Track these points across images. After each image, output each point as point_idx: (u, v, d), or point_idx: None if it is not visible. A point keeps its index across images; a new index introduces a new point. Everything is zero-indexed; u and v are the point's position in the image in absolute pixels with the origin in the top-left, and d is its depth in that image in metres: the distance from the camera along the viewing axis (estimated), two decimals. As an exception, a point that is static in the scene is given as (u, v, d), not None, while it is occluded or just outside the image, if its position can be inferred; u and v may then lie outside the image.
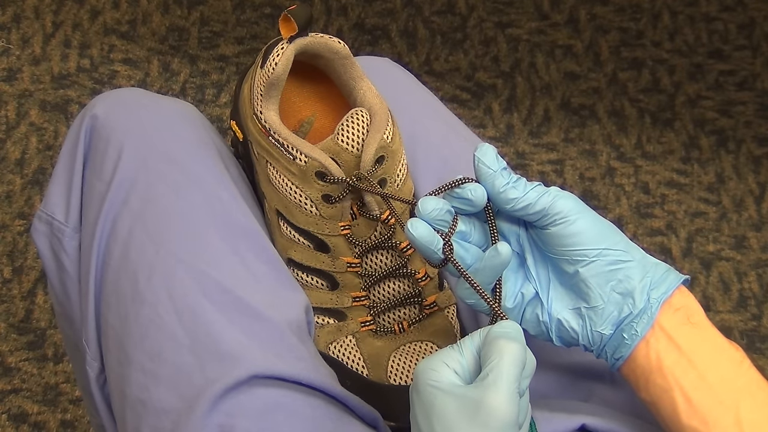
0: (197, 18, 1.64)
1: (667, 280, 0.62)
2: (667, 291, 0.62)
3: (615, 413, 0.69)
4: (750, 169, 1.55)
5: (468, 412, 0.53)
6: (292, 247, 0.75)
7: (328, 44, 0.75)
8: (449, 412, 0.53)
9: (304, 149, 0.71)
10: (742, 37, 1.69)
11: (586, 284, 0.63)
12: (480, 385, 0.53)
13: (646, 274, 0.62)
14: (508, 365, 0.54)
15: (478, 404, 0.53)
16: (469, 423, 0.53)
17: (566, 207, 0.63)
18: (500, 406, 0.52)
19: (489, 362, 0.54)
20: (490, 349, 0.55)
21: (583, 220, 0.63)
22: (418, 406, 0.55)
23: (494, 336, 0.56)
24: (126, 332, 0.71)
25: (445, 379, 0.55)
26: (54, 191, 0.80)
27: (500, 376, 0.53)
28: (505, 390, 0.53)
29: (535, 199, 0.63)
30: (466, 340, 0.57)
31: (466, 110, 1.58)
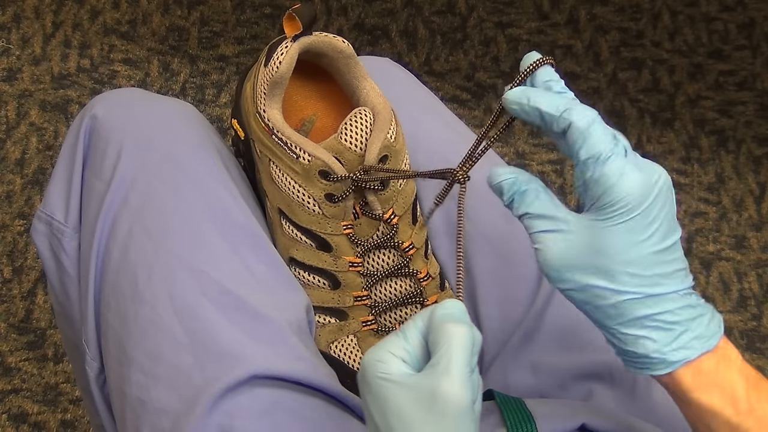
0: (197, 18, 1.64)
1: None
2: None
3: (615, 413, 0.69)
4: (750, 169, 1.55)
5: (423, 402, 0.52)
6: (294, 246, 0.75)
7: (333, 43, 0.75)
8: (404, 404, 0.52)
9: (308, 148, 0.71)
10: (742, 37, 1.69)
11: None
12: (432, 373, 0.52)
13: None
14: (459, 350, 0.52)
15: (433, 393, 0.51)
16: (425, 414, 0.51)
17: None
18: (455, 392, 0.51)
19: (439, 348, 0.52)
20: (438, 335, 0.53)
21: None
22: (371, 401, 0.53)
23: (440, 320, 0.53)
24: (125, 332, 0.71)
25: (394, 369, 0.53)
26: (53, 191, 0.80)
27: (452, 362, 0.52)
28: (458, 376, 0.51)
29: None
30: (409, 325, 0.55)
31: (466, 110, 1.58)
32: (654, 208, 0.56)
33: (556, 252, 0.58)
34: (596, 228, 0.57)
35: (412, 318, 0.55)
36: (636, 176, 0.56)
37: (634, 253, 0.56)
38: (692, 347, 0.57)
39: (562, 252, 0.58)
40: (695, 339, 0.57)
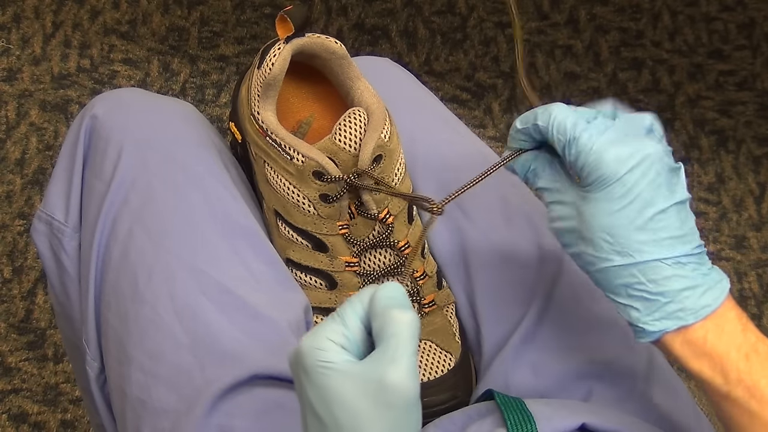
0: (197, 18, 1.64)
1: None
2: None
3: (615, 413, 0.69)
4: (750, 169, 1.55)
5: (370, 392, 0.50)
6: (291, 247, 0.75)
7: (325, 44, 0.75)
8: (350, 394, 0.50)
9: (302, 149, 0.71)
10: (742, 37, 1.69)
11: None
12: (379, 362, 0.51)
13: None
14: (407, 339, 0.51)
15: (381, 383, 0.50)
16: (373, 404, 0.50)
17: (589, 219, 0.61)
18: (404, 382, 0.50)
19: (385, 336, 0.51)
20: (384, 321, 0.52)
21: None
22: (311, 391, 0.51)
23: (384, 305, 0.52)
24: (126, 332, 0.71)
25: (336, 358, 0.51)
26: (54, 191, 0.80)
27: (400, 351, 0.50)
28: (406, 366, 0.50)
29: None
30: (346, 309, 0.53)
31: (466, 110, 1.58)
32: (630, 179, 0.59)
33: (558, 220, 0.63)
34: (582, 198, 0.61)
35: (348, 302, 0.54)
36: (609, 150, 0.59)
37: (611, 220, 0.59)
38: (676, 318, 0.59)
39: (562, 220, 0.62)
40: (681, 311, 0.59)
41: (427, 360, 0.75)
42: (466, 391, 0.76)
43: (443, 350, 0.76)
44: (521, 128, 0.64)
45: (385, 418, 0.50)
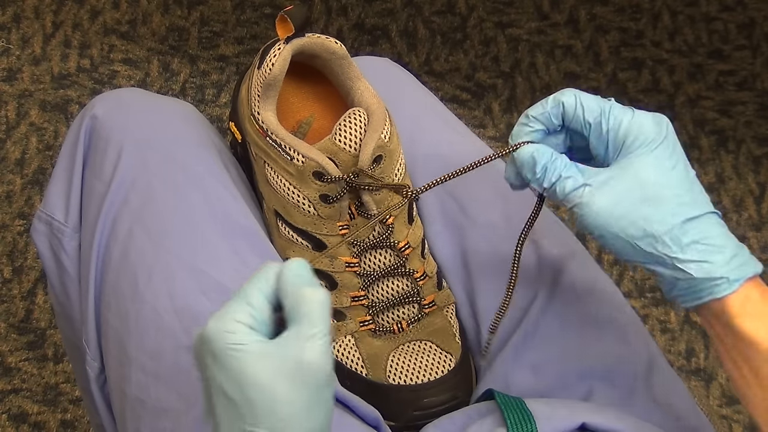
0: (197, 18, 1.64)
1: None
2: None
3: (615, 413, 0.69)
4: (750, 169, 1.55)
5: (286, 372, 0.50)
6: (291, 247, 0.75)
7: (325, 44, 0.75)
8: (265, 375, 0.50)
9: (302, 149, 0.71)
10: (742, 37, 1.69)
11: None
12: (294, 341, 0.51)
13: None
14: (321, 317, 0.51)
15: (298, 362, 0.50)
16: (289, 383, 0.50)
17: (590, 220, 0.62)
18: (320, 361, 0.50)
19: (299, 315, 0.51)
20: (297, 300, 0.52)
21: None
22: (222, 375, 0.51)
23: (294, 283, 0.52)
24: (126, 332, 0.71)
25: (247, 339, 0.51)
26: (54, 191, 0.80)
27: (315, 329, 0.51)
28: (321, 344, 0.51)
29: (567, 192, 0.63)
30: (252, 290, 0.53)
31: (466, 110, 1.58)
32: (670, 139, 0.62)
33: (601, 199, 0.61)
34: (631, 167, 0.61)
35: (251, 280, 0.54)
36: (644, 114, 0.62)
37: (672, 177, 0.61)
38: (747, 266, 0.60)
39: (608, 197, 0.61)
40: (744, 264, 0.60)
41: (427, 360, 0.75)
42: (467, 391, 0.76)
43: (443, 351, 0.76)
44: (538, 114, 0.64)
45: (301, 397, 0.51)
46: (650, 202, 0.60)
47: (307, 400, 0.51)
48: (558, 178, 0.63)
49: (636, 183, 0.61)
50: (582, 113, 0.63)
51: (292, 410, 0.51)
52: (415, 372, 0.74)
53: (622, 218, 0.61)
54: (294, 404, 0.51)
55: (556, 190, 0.63)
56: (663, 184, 0.61)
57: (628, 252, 0.61)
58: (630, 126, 0.62)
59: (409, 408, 0.74)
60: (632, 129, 0.62)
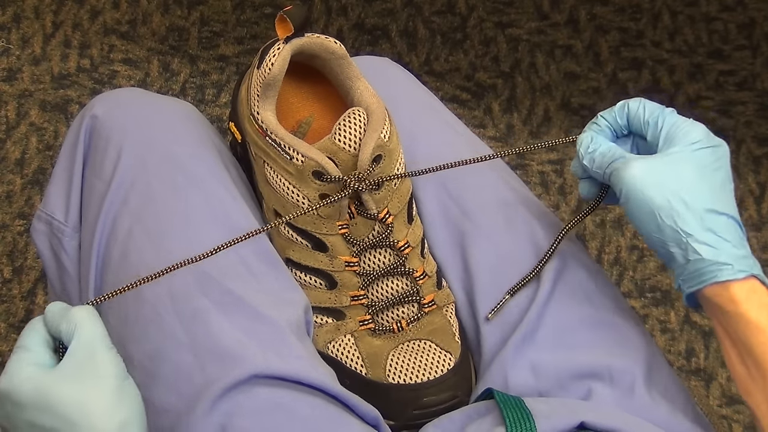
0: (197, 18, 1.64)
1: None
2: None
3: (614, 412, 0.69)
4: (750, 169, 1.55)
5: (81, 377, 0.57)
6: (290, 246, 0.75)
7: (325, 44, 0.75)
8: (63, 389, 0.57)
9: (301, 149, 0.71)
10: (742, 37, 1.69)
11: None
12: (78, 349, 0.58)
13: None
14: (95, 324, 0.60)
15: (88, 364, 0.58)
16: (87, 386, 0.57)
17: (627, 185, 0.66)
18: (108, 357, 0.59)
19: (76, 328, 0.59)
20: (69, 320, 0.59)
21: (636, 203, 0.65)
22: (23, 412, 0.57)
23: (61, 312, 0.60)
24: (126, 332, 0.71)
25: (37, 371, 0.58)
26: (54, 191, 0.80)
27: (94, 334, 0.59)
28: (104, 344, 0.59)
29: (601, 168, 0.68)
30: (25, 339, 0.60)
31: (466, 110, 1.58)
32: (719, 151, 0.66)
33: (637, 166, 0.65)
34: (674, 154, 0.66)
35: (23, 333, 0.60)
36: (701, 125, 0.67)
37: (709, 176, 0.65)
38: (754, 266, 0.64)
39: (644, 166, 0.65)
40: (752, 264, 0.64)
41: (426, 360, 0.75)
42: (466, 390, 0.76)
43: (443, 350, 0.76)
44: (607, 115, 0.70)
45: (104, 392, 0.57)
46: (682, 184, 0.64)
47: (110, 394, 0.57)
48: (606, 153, 0.68)
49: (673, 166, 0.65)
50: (643, 113, 0.68)
51: (102, 406, 0.57)
52: (415, 371, 0.74)
53: (653, 187, 0.64)
54: (100, 401, 0.57)
55: (603, 163, 0.68)
56: (699, 176, 0.65)
57: (650, 223, 0.65)
58: (684, 125, 0.66)
59: (409, 407, 0.74)
60: (685, 127, 0.66)
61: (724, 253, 0.63)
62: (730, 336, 0.64)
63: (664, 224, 0.64)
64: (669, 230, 0.64)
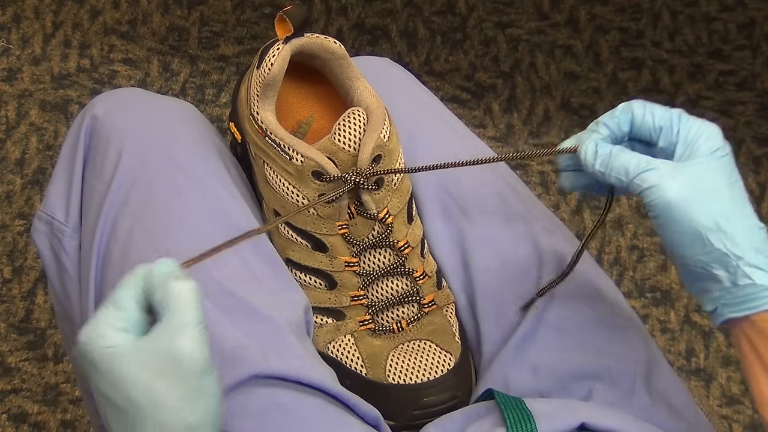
0: (197, 18, 1.64)
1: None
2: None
3: (615, 412, 0.69)
4: (750, 169, 1.55)
5: (160, 364, 0.51)
6: (290, 247, 0.75)
7: (324, 44, 0.75)
8: (139, 371, 0.51)
9: (301, 149, 0.71)
10: (742, 37, 1.69)
11: None
12: (164, 333, 0.51)
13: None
14: (189, 307, 0.52)
15: (171, 353, 0.51)
16: (164, 376, 0.51)
17: (662, 207, 0.60)
18: (193, 351, 0.51)
19: (168, 307, 0.52)
20: (165, 293, 0.52)
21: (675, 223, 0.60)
22: (103, 380, 0.51)
23: (162, 280, 0.53)
24: (126, 332, 0.71)
25: (118, 340, 0.51)
26: (54, 191, 0.80)
27: (185, 319, 0.51)
28: (194, 333, 0.51)
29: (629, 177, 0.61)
30: (121, 295, 0.53)
31: (466, 110, 1.58)
32: (732, 157, 0.62)
33: (676, 184, 0.59)
34: (702, 165, 0.60)
35: (120, 285, 0.54)
36: (712, 124, 0.62)
37: (737, 188, 0.61)
38: None
39: (683, 184, 0.59)
40: None
41: (426, 360, 0.75)
42: (466, 391, 0.76)
43: (443, 350, 0.76)
44: (607, 120, 0.64)
45: (178, 388, 0.51)
46: (723, 201, 0.59)
47: (185, 389, 0.51)
48: (627, 162, 0.61)
49: (708, 180, 0.60)
50: (652, 119, 0.62)
51: (173, 403, 0.51)
52: (415, 371, 0.74)
53: (697, 207, 0.59)
54: (172, 395, 0.51)
55: (628, 171, 0.61)
56: (731, 189, 0.60)
57: (695, 245, 0.59)
58: (701, 129, 0.61)
59: (409, 407, 0.74)
60: (704, 132, 0.61)
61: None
62: (765, 359, 0.60)
63: (712, 246, 0.59)
64: (718, 253, 0.59)
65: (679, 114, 0.63)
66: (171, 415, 0.51)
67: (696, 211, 0.59)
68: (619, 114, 0.64)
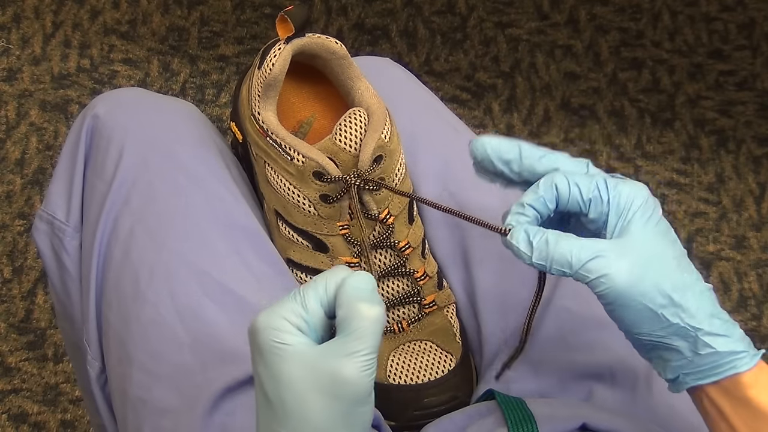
0: (197, 18, 1.64)
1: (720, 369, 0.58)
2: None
3: (615, 413, 0.69)
4: (750, 169, 1.55)
5: (321, 381, 0.50)
6: (291, 247, 0.75)
7: (326, 44, 0.75)
8: (300, 380, 0.50)
9: (302, 149, 0.71)
10: (742, 37, 1.69)
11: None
12: (335, 352, 0.50)
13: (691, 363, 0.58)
14: (369, 335, 0.50)
15: (334, 375, 0.49)
16: (322, 394, 0.50)
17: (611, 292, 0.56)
18: (357, 379, 0.50)
19: (349, 328, 0.50)
20: (350, 313, 0.51)
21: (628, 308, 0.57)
22: (263, 370, 0.51)
23: (352, 296, 0.51)
24: (127, 332, 0.71)
25: (291, 340, 0.50)
26: (55, 191, 0.80)
27: (359, 346, 0.50)
28: (362, 362, 0.50)
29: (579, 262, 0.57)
30: (309, 293, 0.52)
31: (466, 110, 1.58)
32: (664, 218, 0.59)
33: (625, 268, 0.56)
34: (641, 237, 0.57)
35: (311, 283, 0.53)
36: (634, 182, 0.59)
37: (677, 249, 0.59)
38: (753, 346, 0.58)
39: (631, 266, 0.57)
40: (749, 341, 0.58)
41: (427, 360, 0.75)
42: (467, 391, 0.76)
43: (444, 351, 0.76)
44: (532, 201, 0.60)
45: (332, 410, 0.50)
46: (669, 271, 0.57)
47: (339, 412, 0.50)
48: (568, 252, 0.57)
49: (653, 253, 0.57)
50: (579, 191, 0.58)
51: (322, 422, 0.50)
52: (416, 372, 0.74)
53: (649, 287, 0.56)
54: (323, 414, 0.50)
55: (571, 263, 0.57)
56: (673, 253, 0.58)
57: (651, 323, 0.57)
58: (631, 193, 0.58)
59: (410, 408, 0.74)
60: (634, 196, 0.58)
61: (735, 339, 0.57)
62: (733, 423, 0.58)
63: (668, 323, 0.57)
64: (675, 327, 0.57)
65: (605, 180, 0.59)
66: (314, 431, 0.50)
67: (649, 292, 0.56)
68: (543, 192, 0.59)
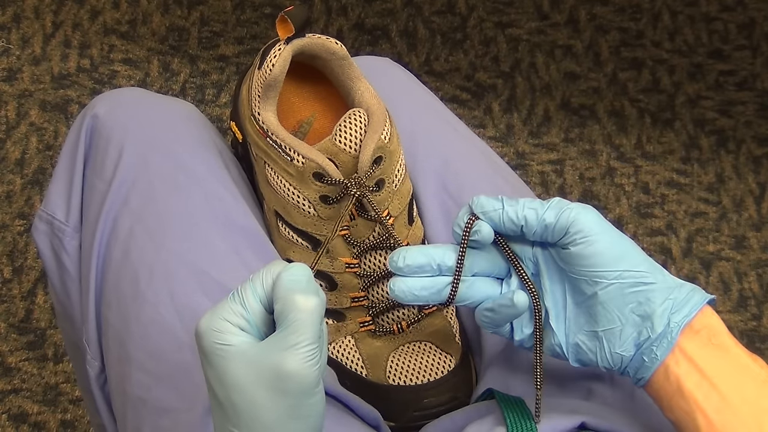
0: (197, 18, 1.64)
1: (690, 302, 0.60)
2: (689, 314, 0.59)
3: (615, 412, 0.69)
4: (750, 169, 1.55)
5: (266, 378, 0.50)
6: (291, 248, 0.75)
7: (326, 45, 0.75)
8: (245, 379, 0.50)
9: (302, 150, 0.71)
10: (742, 37, 1.69)
11: (604, 306, 0.60)
12: (276, 348, 0.50)
13: (668, 296, 0.60)
14: (307, 326, 0.50)
15: (277, 371, 0.50)
16: (268, 390, 0.50)
17: (586, 225, 0.60)
18: (301, 371, 0.50)
19: (286, 322, 0.50)
20: (286, 306, 0.51)
21: (603, 241, 0.60)
22: (210, 371, 0.51)
23: (287, 288, 0.51)
24: (127, 331, 0.71)
25: (234, 340, 0.51)
26: (54, 191, 0.80)
27: (299, 339, 0.50)
28: (305, 353, 0.50)
29: (554, 218, 0.61)
30: (247, 291, 0.52)
31: (466, 110, 1.58)
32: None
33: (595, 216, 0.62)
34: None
35: (249, 280, 0.53)
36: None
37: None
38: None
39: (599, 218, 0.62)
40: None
41: (427, 361, 0.75)
42: (467, 392, 0.76)
43: (443, 351, 0.76)
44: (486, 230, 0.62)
45: (281, 405, 0.50)
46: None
47: (288, 407, 0.51)
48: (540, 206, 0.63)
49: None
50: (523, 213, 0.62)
51: (272, 418, 0.50)
52: (415, 372, 0.74)
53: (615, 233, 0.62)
54: (273, 410, 0.50)
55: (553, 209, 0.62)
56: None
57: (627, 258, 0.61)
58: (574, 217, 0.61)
59: (409, 408, 0.74)
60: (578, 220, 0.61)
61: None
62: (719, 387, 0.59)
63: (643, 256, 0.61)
64: (649, 263, 0.61)
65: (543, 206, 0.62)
66: (270, 429, 0.51)
67: (617, 233, 0.61)
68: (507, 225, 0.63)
